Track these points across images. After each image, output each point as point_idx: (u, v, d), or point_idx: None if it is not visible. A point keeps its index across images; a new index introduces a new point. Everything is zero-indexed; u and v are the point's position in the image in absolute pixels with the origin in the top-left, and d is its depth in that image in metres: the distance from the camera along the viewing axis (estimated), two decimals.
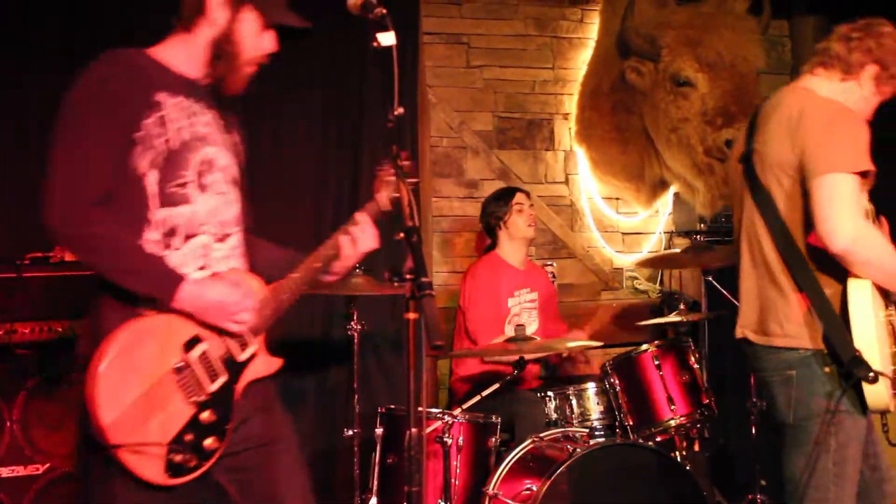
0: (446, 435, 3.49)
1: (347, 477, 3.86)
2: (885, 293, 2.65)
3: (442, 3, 5.21)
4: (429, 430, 3.53)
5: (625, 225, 5.55)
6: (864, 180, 2.62)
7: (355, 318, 3.88)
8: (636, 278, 5.50)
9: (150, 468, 2.18)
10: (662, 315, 4.81)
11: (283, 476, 2.45)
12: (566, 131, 5.42)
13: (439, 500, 3.50)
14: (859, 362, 2.50)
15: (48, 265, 3.81)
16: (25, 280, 3.74)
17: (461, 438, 3.56)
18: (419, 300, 1.91)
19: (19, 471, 3.73)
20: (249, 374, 2.40)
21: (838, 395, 2.56)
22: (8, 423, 3.74)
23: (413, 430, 1.95)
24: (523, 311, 4.51)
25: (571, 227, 5.41)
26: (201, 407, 2.28)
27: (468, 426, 3.61)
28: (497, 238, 4.56)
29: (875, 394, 2.54)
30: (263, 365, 2.45)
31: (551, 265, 4.86)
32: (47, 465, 3.76)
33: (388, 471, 3.65)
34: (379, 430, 3.69)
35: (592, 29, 5.48)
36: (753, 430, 4.21)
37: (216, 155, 2.38)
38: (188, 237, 2.31)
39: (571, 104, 5.42)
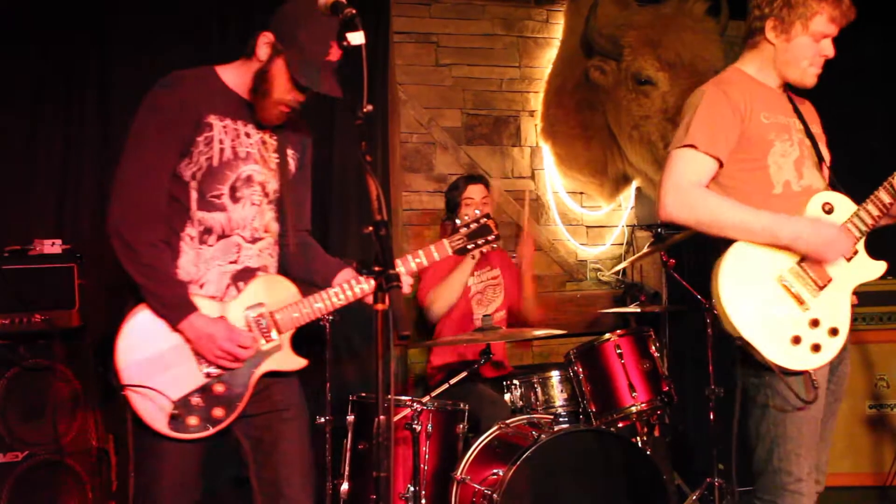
0: (415, 422, 3.54)
1: (320, 463, 3.88)
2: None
3: (412, 4, 5.27)
4: (398, 417, 3.59)
5: (588, 218, 5.64)
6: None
7: None
8: (599, 270, 5.63)
9: (155, 416, 2.46)
10: (625, 305, 4.89)
11: (289, 437, 2.68)
12: (532, 128, 5.51)
13: (408, 485, 3.55)
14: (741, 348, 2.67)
15: (27, 258, 3.86)
16: (4, 272, 3.79)
17: (430, 425, 3.62)
18: (387, 291, 1.99)
19: None
20: (270, 364, 2.62)
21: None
22: None
23: (381, 417, 2.01)
24: (487, 289, 4.54)
25: (537, 221, 5.49)
26: (213, 379, 2.51)
27: (436, 413, 3.66)
28: None
29: (773, 358, 2.66)
30: (284, 359, 2.67)
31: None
32: (26, 452, 3.79)
33: (359, 456, 3.71)
34: (350, 418, 3.76)
35: (557, 29, 5.56)
36: (711, 417, 4.21)
37: (254, 171, 2.61)
38: (221, 237, 2.57)
39: (537, 102, 5.51)
